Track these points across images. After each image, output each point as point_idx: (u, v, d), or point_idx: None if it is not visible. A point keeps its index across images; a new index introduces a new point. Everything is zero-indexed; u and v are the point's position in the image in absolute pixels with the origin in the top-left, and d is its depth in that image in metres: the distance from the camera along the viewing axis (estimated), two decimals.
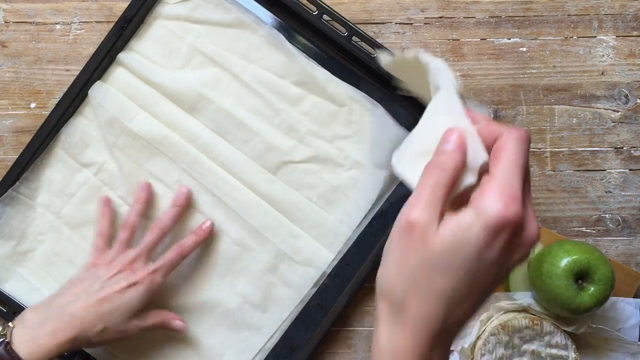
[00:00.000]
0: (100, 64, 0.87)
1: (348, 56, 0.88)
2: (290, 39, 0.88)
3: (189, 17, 0.88)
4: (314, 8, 0.87)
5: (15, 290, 0.87)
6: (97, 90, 0.87)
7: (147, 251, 0.82)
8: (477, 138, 0.46)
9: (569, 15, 0.92)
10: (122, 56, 0.87)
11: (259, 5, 0.88)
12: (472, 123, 0.47)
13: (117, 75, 0.88)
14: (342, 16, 0.87)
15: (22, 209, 0.87)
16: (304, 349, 0.87)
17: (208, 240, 0.87)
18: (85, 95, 0.87)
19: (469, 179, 0.46)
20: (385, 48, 0.87)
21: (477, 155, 0.46)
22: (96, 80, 0.87)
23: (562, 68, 0.91)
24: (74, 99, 0.87)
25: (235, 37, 0.88)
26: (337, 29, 0.87)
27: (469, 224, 0.44)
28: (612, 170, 0.91)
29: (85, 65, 0.87)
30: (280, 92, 0.88)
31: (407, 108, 0.89)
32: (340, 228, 0.88)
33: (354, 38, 0.87)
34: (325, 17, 0.87)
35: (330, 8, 0.87)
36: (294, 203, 0.87)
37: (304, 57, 0.88)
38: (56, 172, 0.88)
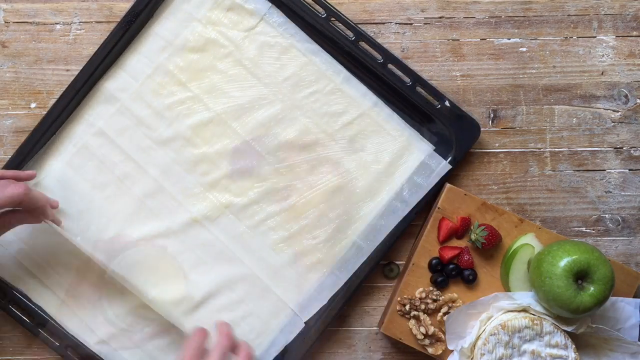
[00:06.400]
0: (109, 53, 0.87)
1: (354, 60, 0.89)
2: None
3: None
4: (322, 10, 0.87)
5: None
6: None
7: None
8: None
9: (568, 15, 0.92)
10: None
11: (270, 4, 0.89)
12: None
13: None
14: (349, 19, 0.87)
15: None
16: (298, 349, 0.88)
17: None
18: (93, 85, 0.88)
19: None
20: (391, 54, 0.87)
21: None
22: (107, 69, 0.88)
23: (562, 68, 0.91)
24: (79, 90, 0.87)
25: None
26: (344, 32, 0.88)
27: None
28: (612, 170, 0.92)
29: (96, 51, 0.87)
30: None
31: (410, 111, 0.89)
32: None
33: (361, 43, 0.87)
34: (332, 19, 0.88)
35: (338, 11, 0.87)
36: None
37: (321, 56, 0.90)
38: (60, 161, 0.88)
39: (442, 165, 0.88)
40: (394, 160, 0.89)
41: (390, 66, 0.88)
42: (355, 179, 0.89)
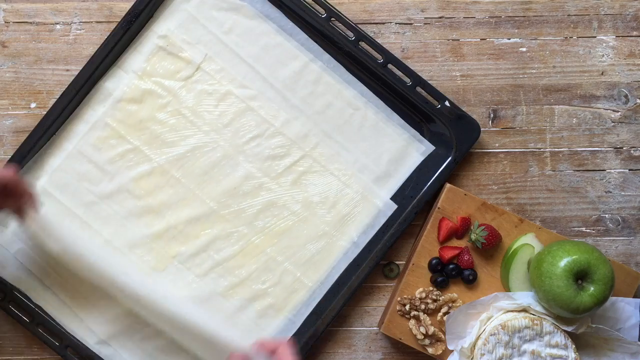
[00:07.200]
0: (109, 53, 0.87)
1: (354, 60, 0.89)
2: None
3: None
4: (322, 11, 0.87)
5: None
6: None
7: None
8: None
9: (569, 15, 0.92)
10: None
11: (271, 4, 0.89)
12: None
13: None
14: (349, 19, 0.87)
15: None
16: (298, 349, 0.87)
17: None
18: (93, 85, 0.88)
19: None
20: (392, 54, 0.87)
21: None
22: (107, 69, 0.88)
23: (562, 68, 0.91)
24: (79, 90, 0.87)
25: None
26: (344, 32, 0.88)
27: None
28: (612, 170, 0.92)
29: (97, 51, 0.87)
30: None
31: (410, 111, 0.90)
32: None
33: (361, 43, 0.87)
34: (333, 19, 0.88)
35: (338, 11, 0.87)
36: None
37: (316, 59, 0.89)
38: (59, 161, 0.88)
39: (393, 209, 0.88)
40: (338, 199, 0.89)
41: (390, 66, 0.88)
42: (302, 221, 0.89)
